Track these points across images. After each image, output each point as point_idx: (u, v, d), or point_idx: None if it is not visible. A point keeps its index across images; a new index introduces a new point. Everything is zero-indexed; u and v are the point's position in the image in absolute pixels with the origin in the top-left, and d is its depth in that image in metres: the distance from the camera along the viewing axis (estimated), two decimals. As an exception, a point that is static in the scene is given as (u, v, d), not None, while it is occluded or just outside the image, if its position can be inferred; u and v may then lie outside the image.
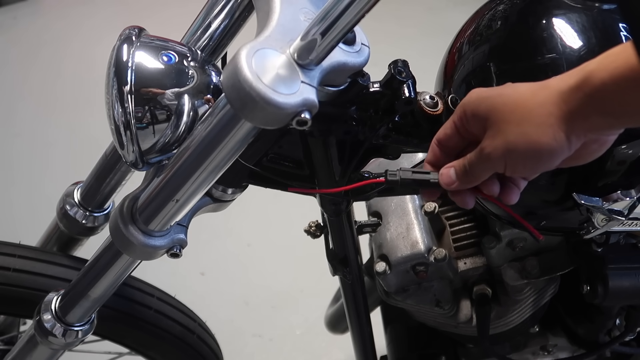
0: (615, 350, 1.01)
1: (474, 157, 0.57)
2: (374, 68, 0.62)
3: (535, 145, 0.52)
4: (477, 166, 0.57)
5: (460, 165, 0.59)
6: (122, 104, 0.57)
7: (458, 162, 0.59)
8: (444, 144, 0.61)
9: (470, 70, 0.70)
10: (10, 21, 2.88)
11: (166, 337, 0.94)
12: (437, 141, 0.62)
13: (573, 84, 0.51)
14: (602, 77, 0.49)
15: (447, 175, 0.60)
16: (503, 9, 0.71)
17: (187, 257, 0.69)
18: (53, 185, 1.41)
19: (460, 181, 0.59)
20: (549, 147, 0.52)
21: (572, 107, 0.51)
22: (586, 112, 0.50)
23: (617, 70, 0.48)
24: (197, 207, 0.70)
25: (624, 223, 0.69)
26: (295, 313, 1.77)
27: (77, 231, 0.92)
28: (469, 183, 0.59)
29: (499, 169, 0.56)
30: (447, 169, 0.60)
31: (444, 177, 0.60)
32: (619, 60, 0.48)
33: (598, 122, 0.51)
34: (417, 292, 0.87)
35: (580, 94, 0.50)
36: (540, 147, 0.52)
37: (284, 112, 0.47)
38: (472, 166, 0.57)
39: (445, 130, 0.60)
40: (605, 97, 0.49)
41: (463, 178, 0.58)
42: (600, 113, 0.50)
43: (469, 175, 0.58)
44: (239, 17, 0.69)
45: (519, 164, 0.54)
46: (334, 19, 0.47)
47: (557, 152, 0.52)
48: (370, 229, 0.88)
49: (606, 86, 0.48)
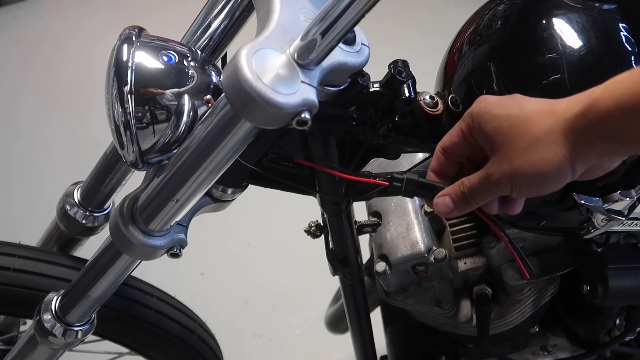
0: (615, 350, 1.01)
1: (477, 183, 0.57)
2: (374, 68, 0.62)
3: (541, 173, 0.53)
4: (480, 192, 0.57)
5: (456, 192, 0.58)
6: (122, 104, 0.57)
7: (454, 189, 0.59)
8: (450, 151, 0.60)
9: (470, 70, 0.70)
10: (10, 21, 2.88)
11: (166, 337, 0.94)
12: (442, 149, 0.61)
13: (579, 112, 0.51)
14: (607, 105, 0.49)
15: (443, 204, 0.59)
16: (503, 9, 0.71)
17: (187, 257, 0.69)
18: (53, 185, 1.41)
19: (459, 208, 0.58)
20: (553, 174, 0.52)
21: (577, 135, 0.51)
22: (591, 139, 0.51)
23: (623, 98, 0.48)
24: (197, 207, 0.70)
25: (624, 223, 0.69)
26: (295, 313, 1.77)
27: (77, 231, 0.92)
28: (468, 208, 0.58)
29: (504, 192, 0.56)
30: (441, 197, 0.59)
31: (440, 206, 0.59)
32: (624, 87, 0.48)
33: (603, 149, 0.51)
34: (417, 292, 0.87)
35: (586, 122, 0.50)
36: (545, 174, 0.53)
37: (284, 112, 0.47)
38: (474, 191, 0.57)
39: (452, 137, 0.60)
40: (610, 125, 0.49)
41: (462, 205, 0.58)
42: (606, 140, 0.50)
43: (469, 200, 0.57)
44: (239, 17, 0.69)
45: (524, 188, 0.54)
46: (334, 19, 0.47)
47: (562, 179, 0.53)
48: (370, 229, 0.88)
49: (611, 113, 0.49)
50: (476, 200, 0.57)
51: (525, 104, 0.55)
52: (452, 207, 0.59)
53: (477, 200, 0.57)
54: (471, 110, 0.57)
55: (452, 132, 0.60)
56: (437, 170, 0.62)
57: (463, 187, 0.58)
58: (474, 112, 0.57)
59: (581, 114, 0.50)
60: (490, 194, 0.57)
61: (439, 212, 0.59)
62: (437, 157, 0.61)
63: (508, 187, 0.55)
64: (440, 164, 0.61)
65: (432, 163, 0.62)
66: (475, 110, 0.57)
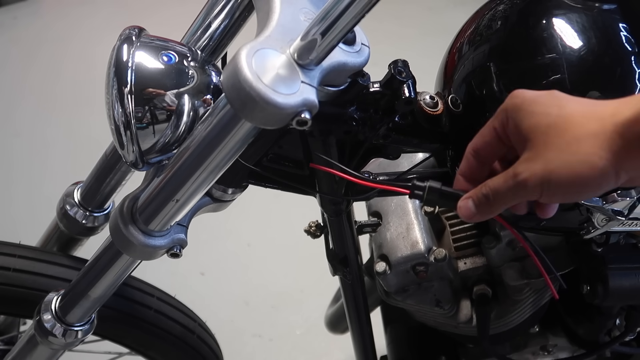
0: (615, 350, 1.01)
1: (502, 184, 0.52)
2: (374, 68, 0.62)
3: (580, 179, 0.48)
4: (505, 194, 0.52)
5: (479, 195, 0.54)
6: (122, 104, 0.57)
7: (475, 192, 0.54)
8: (482, 152, 0.56)
9: (470, 70, 0.70)
10: (10, 21, 2.88)
11: (166, 337, 0.94)
12: (474, 151, 0.56)
13: (630, 117, 0.47)
14: None
15: (465, 208, 0.55)
16: (503, 9, 0.71)
17: (187, 257, 0.69)
18: (53, 185, 1.41)
19: (480, 213, 0.54)
20: (595, 180, 0.48)
21: (628, 140, 0.47)
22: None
23: None
24: (197, 207, 0.70)
25: (624, 223, 0.69)
26: (295, 313, 1.77)
27: (77, 231, 0.92)
28: (490, 212, 0.54)
29: (532, 196, 0.51)
30: (465, 200, 0.55)
31: (462, 210, 0.55)
32: None
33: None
34: (417, 292, 0.87)
35: (638, 128, 0.46)
36: (586, 181, 0.48)
37: (284, 112, 0.47)
38: (498, 194, 0.52)
39: (484, 137, 0.55)
40: None
41: (485, 209, 0.53)
42: None
43: (492, 204, 0.53)
44: (239, 17, 0.69)
45: (557, 194, 0.49)
46: (334, 19, 0.47)
47: (603, 185, 0.49)
48: (370, 229, 0.88)
49: None
50: (499, 204, 0.53)
51: (566, 103, 0.51)
52: (474, 211, 0.54)
53: (499, 203, 0.53)
54: (505, 106, 0.53)
55: (483, 131, 0.55)
56: (467, 174, 0.57)
57: (485, 189, 0.53)
58: (509, 108, 0.53)
59: (634, 119, 0.47)
60: (515, 197, 0.52)
61: (462, 216, 0.55)
62: (468, 160, 0.57)
63: (537, 190, 0.50)
64: (471, 167, 0.56)
65: (461, 166, 0.58)
66: (510, 106, 0.53)
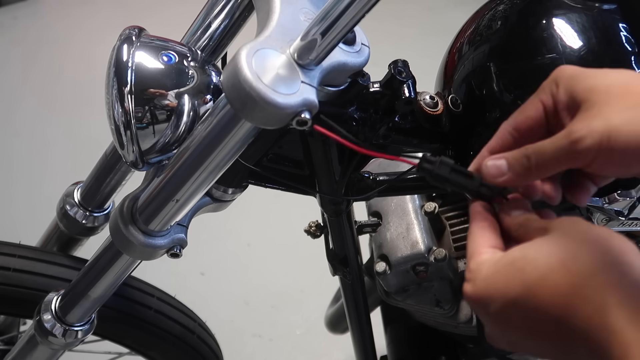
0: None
1: (549, 145, 0.45)
2: (374, 68, 0.62)
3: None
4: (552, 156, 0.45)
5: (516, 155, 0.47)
6: (122, 104, 0.57)
7: (513, 154, 0.47)
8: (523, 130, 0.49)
9: (470, 70, 0.70)
10: (11, 21, 2.88)
11: (166, 337, 0.94)
12: (514, 128, 0.49)
13: None
14: None
15: (495, 167, 0.48)
16: (503, 9, 0.71)
17: (187, 257, 0.69)
18: (53, 185, 1.41)
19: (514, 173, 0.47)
20: None
21: None
22: None
23: None
24: (197, 207, 0.70)
25: (624, 223, 0.69)
26: (295, 313, 1.77)
27: (77, 231, 0.92)
28: (526, 177, 0.47)
29: (583, 161, 0.44)
30: (494, 159, 0.48)
31: (490, 168, 0.48)
32: None
33: None
34: (417, 292, 0.87)
35: None
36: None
37: (284, 112, 0.47)
38: (543, 156, 0.45)
39: (527, 112, 0.49)
40: None
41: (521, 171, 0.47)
42: None
43: (532, 166, 0.46)
44: (239, 17, 0.69)
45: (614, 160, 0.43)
46: (334, 19, 0.47)
47: None
48: (370, 229, 0.88)
49: None
50: (541, 167, 0.46)
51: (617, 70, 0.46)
52: (505, 170, 0.47)
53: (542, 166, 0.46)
54: (555, 75, 0.48)
55: (525, 107, 0.49)
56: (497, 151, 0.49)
57: (527, 150, 0.47)
58: (559, 76, 0.47)
59: None
60: (562, 161, 0.45)
61: (486, 173, 0.48)
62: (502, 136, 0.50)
63: (592, 151, 0.43)
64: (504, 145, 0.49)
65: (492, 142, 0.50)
66: (560, 74, 0.47)
